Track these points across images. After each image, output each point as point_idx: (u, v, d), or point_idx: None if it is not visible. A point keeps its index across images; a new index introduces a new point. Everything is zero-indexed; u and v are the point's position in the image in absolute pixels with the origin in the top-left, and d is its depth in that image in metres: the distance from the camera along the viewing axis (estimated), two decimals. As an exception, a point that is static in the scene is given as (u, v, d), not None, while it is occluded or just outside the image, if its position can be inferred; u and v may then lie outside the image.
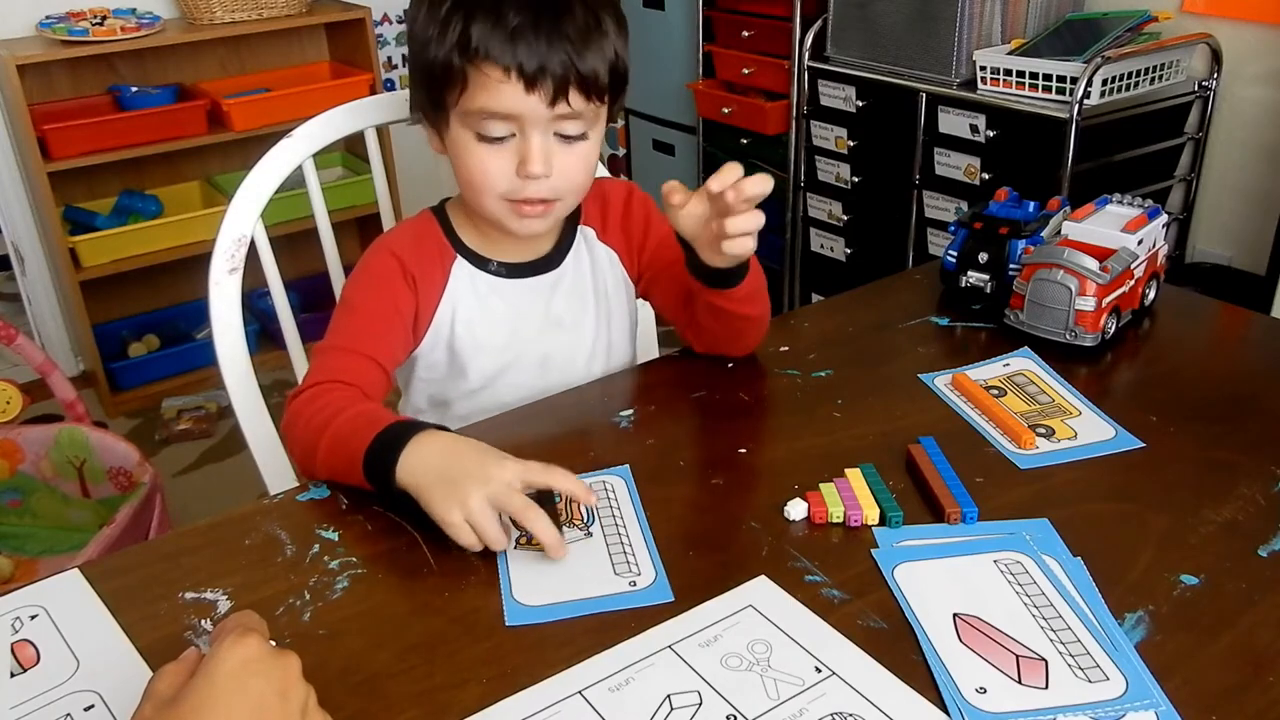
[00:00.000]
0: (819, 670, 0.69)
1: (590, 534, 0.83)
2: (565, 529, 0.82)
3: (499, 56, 0.92)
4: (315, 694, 0.61)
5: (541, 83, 0.93)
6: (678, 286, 1.08)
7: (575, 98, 0.94)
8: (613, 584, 0.77)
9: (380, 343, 1.02)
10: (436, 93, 0.97)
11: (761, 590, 0.76)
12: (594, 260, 1.11)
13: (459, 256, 1.06)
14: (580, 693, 0.68)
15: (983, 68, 2.14)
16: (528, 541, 0.81)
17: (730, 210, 0.90)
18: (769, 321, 1.08)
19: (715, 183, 0.89)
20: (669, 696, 0.67)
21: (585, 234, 1.11)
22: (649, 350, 1.23)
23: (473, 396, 1.09)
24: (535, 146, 0.96)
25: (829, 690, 0.67)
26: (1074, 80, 1.99)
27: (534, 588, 0.77)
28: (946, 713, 0.66)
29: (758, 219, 0.92)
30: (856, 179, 2.51)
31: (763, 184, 0.90)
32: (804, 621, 0.73)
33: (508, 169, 0.97)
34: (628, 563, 0.80)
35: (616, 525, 0.84)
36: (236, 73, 2.92)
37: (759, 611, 0.74)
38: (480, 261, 1.06)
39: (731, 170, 0.90)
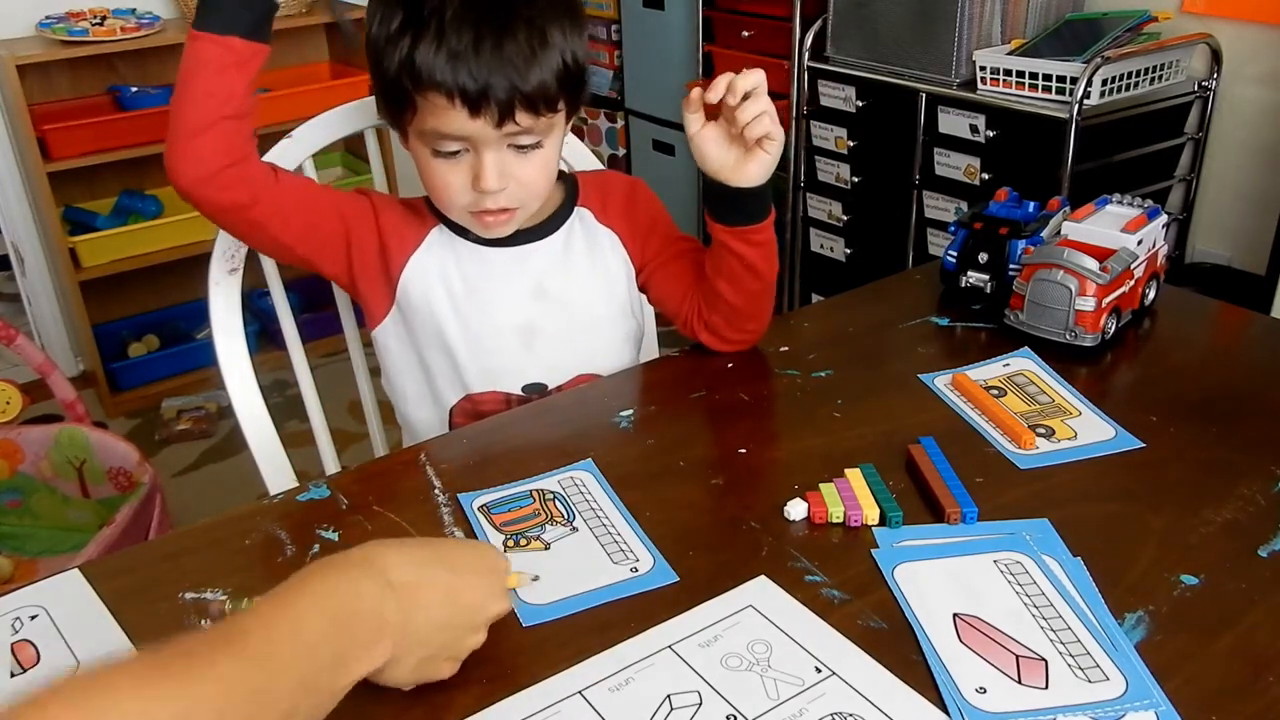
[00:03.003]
0: (819, 670, 0.69)
1: (575, 529, 0.83)
2: (549, 527, 0.83)
3: (442, 82, 0.93)
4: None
5: (486, 107, 0.93)
6: (686, 275, 1.10)
7: (523, 116, 0.95)
8: (614, 573, 0.78)
9: (301, 186, 1.03)
10: (391, 109, 0.99)
11: (761, 590, 0.76)
12: (591, 239, 1.11)
13: (440, 224, 1.07)
14: (580, 693, 0.68)
15: (983, 68, 2.14)
16: (516, 544, 0.81)
17: (735, 113, 0.96)
18: (771, 310, 1.09)
19: (712, 94, 0.96)
20: (669, 697, 0.67)
21: (581, 214, 1.11)
22: (649, 350, 1.23)
23: (452, 358, 1.07)
24: (488, 164, 0.97)
25: (829, 690, 0.67)
26: (1074, 80, 1.99)
27: (538, 588, 0.77)
28: (946, 713, 0.66)
29: (763, 99, 0.96)
30: (856, 179, 2.51)
31: (753, 76, 0.95)
32: (804, 621, 0.73)
33: (465, 182, 0.98)
34: (622, 551, 0.80)
35: (598, 516, 0.84)
36: (236, 73, 2.91)
37: (759, 611, 0.74)
38: (461, 230, 1.07)
39: (720, 80, 0.96)
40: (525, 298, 1.08)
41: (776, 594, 0.76)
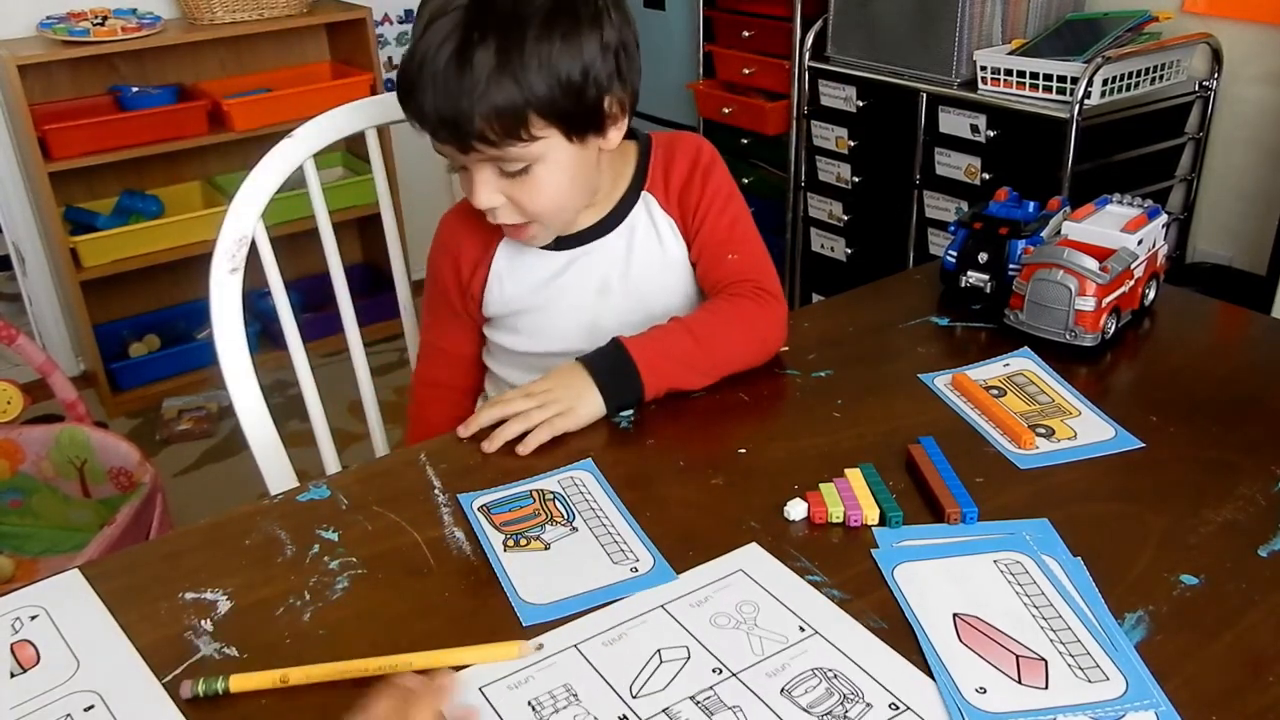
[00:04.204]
0: (802, 629, 0.72)
1: (575, 529, 0.83)
2: (549, 527, 0.83)
3: (406, 106, 0.94)
4: None
5: (441, 134, 0.93)
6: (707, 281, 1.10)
7: (484, 145, 0.92)
8: (615, 573, 0.78)
9: (445, 329, 1.16)
10: None
11: (752, 556, 0.79)
12: (656, 229, 1.09)
13: (506, 235, 1.07)
14: (575, 646, 0.71)
15: (983, 68, 2.14)
16: (516, 544, 0.81)
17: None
18: (775, 340, 1.06)
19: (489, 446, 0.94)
20: (659, 651, 0.70)
21: (648, 201, 1.09)
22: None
23: (523, 356, 1.12)
24: (475, 183, 0.97)
25: (811, 648, 0.70)
26: (1074, 80, 1.99)
27: (537, 587, 0.77)
28: (931, 676, 0.67)
29: (511, 425, 0.94)
30: (857, 179, 2.51)
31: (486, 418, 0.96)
32: (791, 585, 0.76)
33: (472, 194, 0.99)
34: (622, 551, 0.80)
35: (598, 516, 0.85)
36: (237, 73, 2.92)
37: (749, 575, 0.77)
38: None
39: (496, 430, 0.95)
40: (590, 295, 1.08)
41: (767, 560, 0.78)
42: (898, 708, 0.65)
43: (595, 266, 1.08)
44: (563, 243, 1.07)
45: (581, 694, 0.67)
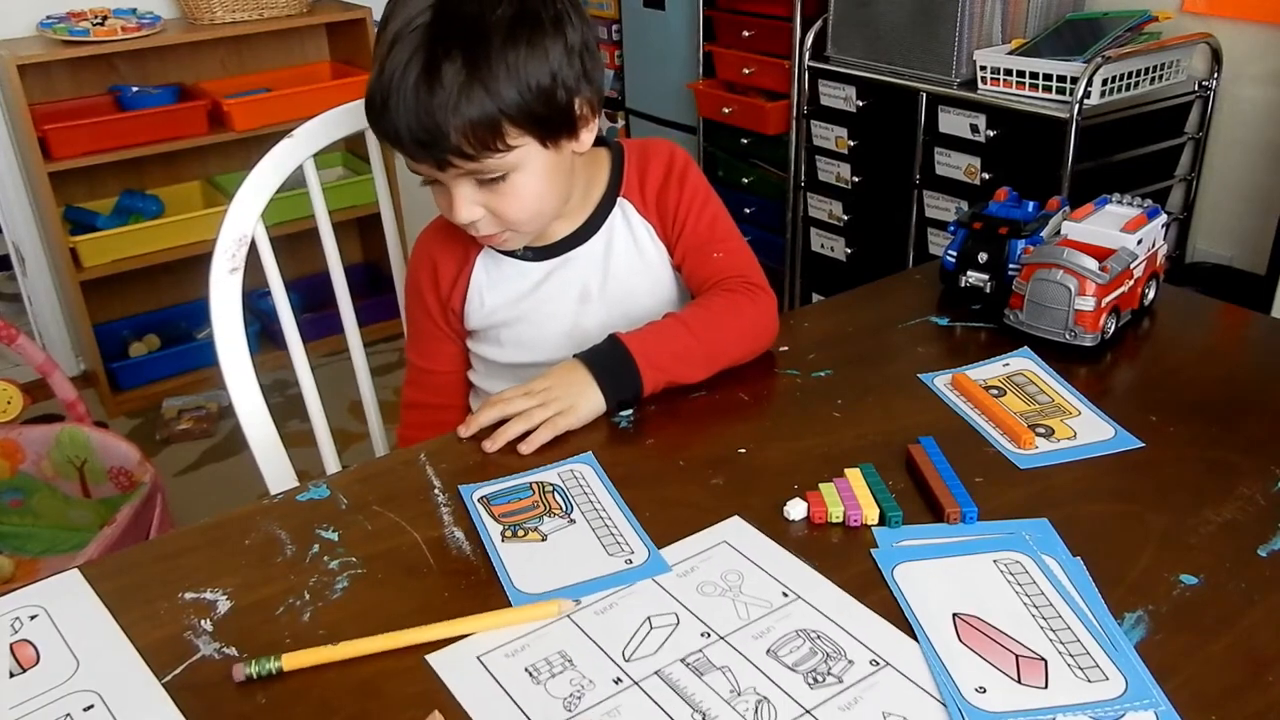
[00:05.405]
0: (785, 595, 0.75)
1: (573, 521, 0.83)
2: (546, 519, 0.83)
3: (378, 127, 0.94)
4: None
5: (418, 153, 0.92)
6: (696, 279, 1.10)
7: (461, 159, 0.92)
8: (609, 564, 0.79)
9: (428, 349, 1.16)
10: None
11: (735, 528, 0.82)
12: (634, 234, 1.09)
13: (484, 247, 1.07)
14: (568, 615, 0.74)
15: (983, 67, 2.14)
16: (514, 535, 0.82)
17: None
18: (768, 331, 1.06)
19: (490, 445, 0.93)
20: (649, 618, 0.73)
21: (624, 207, 1.09)
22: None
23: (509, 366, 1.12)
24: (455, 199, 0.97)
25: (794, 611, 0.73)
26: (1074, 80, 1.99)
27: (533, 577, 0.77)
28: (914, 637, 0.69)
29: (513, 425, 0.94)
30: (857, 179, 2.51)
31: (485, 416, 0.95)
32: (773, 554, 0.79)
33: (449, 209, 0.99)
34: (617, 543, 0.81)
35: (596, 509, 0.85)
36: (237, 73, 2.92)
37: (732, 546, 0.80)
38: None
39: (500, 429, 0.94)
40: (571, 304, 1.09)
41: (749, 531, 0.81)
42: (878, 663, 0.69)
43: (575, 274, 1.08)
44: (541, 253, 1.08)
45: (576, 659, 0.70)
